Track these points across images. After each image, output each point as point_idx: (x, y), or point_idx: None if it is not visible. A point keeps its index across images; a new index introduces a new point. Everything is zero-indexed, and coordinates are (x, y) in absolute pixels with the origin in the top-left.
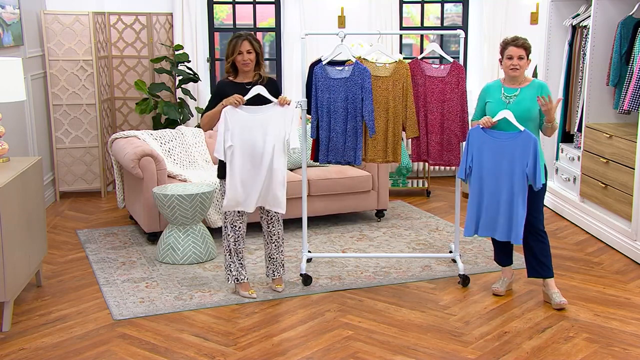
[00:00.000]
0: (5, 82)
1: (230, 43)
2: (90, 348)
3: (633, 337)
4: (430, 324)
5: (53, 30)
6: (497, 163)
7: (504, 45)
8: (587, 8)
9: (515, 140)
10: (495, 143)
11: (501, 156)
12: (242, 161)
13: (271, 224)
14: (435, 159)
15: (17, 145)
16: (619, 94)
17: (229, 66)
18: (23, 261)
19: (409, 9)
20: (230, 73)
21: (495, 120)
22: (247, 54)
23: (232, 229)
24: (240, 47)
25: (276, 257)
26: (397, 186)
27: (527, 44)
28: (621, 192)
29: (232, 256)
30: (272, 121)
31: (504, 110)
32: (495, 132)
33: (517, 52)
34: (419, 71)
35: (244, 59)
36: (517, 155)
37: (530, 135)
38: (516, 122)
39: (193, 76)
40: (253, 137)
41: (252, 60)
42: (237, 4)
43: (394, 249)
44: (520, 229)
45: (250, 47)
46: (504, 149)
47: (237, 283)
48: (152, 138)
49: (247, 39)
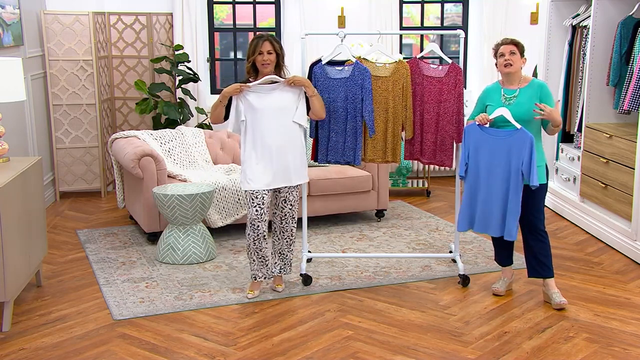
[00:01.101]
0: (5, 82)
1: (252, 43)
2: (90, 348)
3: (633, 337)
4: (430, 324)
5: (53, 30)
6: (492, 160)
7: (495, 48)
8: (587, 8)
9: (511, 137)
10: (491, 140)
11: (497, 153)
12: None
13: (285, 220)
14: (429, 158)
15: (17, 145)
16: (619, 94)
17: (250, 66)
18: (23, 261)
19: (409, 9)
20: (251, 74)
21: (492, 118)
22: (267, 54)
23: (252, 227)
24: (261, 47)
25: (287, 254)
26: (397, 186)
27: (517, 41)
28: (621, 192)
29: (252, 255)
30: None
31: (501, 107)
32: (491, 130)
33: (507, 49)
34: (417, 70)
35: (263, 58)
36: (513, 152)
37: (526, 133)
38: (513, 120)
39: (193, 76)
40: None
41: (272, 60)
42: (237, 4)
43: (394, 249)
44: (514, 225)
45: (271, 48)
46: (500, 146)
47: (252, 280)
48: (152, 138)
49: (268, 40)
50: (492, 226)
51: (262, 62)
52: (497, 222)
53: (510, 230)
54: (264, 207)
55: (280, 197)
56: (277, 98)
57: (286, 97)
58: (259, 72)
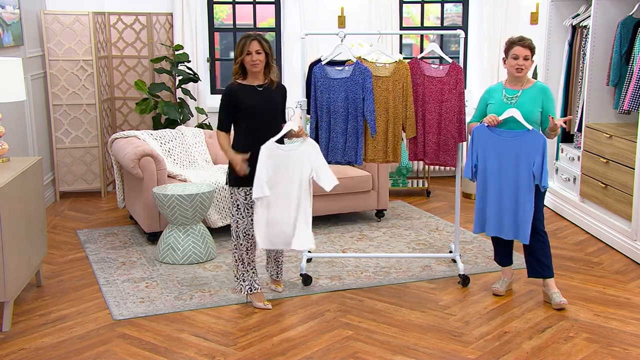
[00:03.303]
0: (5, 82)
1: (239, 43)
2: (90, 348)
3: (633, 337)
4: (430, 324)
5: (53, 30)
6: (501, 162)
7: (510, 45)
8: (587, 8)
9: (522, 138)
10: (500, 142)
11: (506, 155)
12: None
13: None
14: (431, 159)
15: (17, 145)
16: (619, 94)
17: (238, 67)
18: (23, 261)
19: (409, 9)
20: (239, 75)
21: (501, 119)
22: (256, 54)
23: (245, 237)
24: (249, 47)
25: (281, 259)
26: (397, 186)
27: (533, 45)
28: (621, 192)
29: (246, 266)
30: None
31: (511, 108)
32: (500, 131)
33: (523, 52)
34: (417, 71)
35: (252, 59)
36: (524, 153)
37: (538, 134)
38: (524, 121)
39: (193, 76)
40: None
41: (262, 60)
42: (237, 4)
43: (394, 249)
44: (528, 228)
45: (260, 47)
46: (510, 147)
47: (250, 293)
48: (152, 138)
49: (256, 39)
50: (505, 230)
51: (251, 63)
52: (509, 225)
53: (525, 233)
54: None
55: None
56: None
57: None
58: (248, 73)
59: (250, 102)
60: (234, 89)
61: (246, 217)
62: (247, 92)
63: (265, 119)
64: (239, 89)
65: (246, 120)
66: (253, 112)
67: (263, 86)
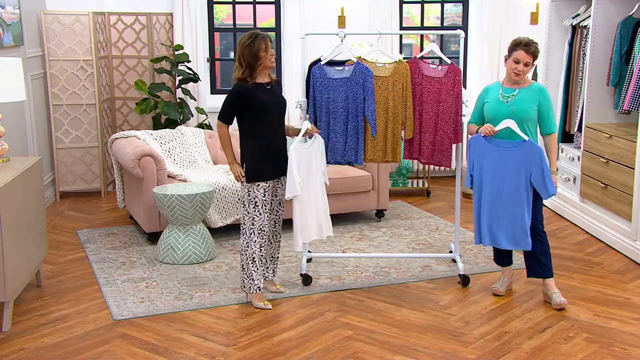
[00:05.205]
0: (5, 82)
1: (252, 44)
2: (90, 348)
3: (633, 337)
4: (430, 324)
5: (53, 30)
6: (498, 172)
7: (515, 46)
8: (587, 8)
9: (518, 149)
10: (496, 151)
11: (503, 165)
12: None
13: (278, 224)
14: (427, 159)
15: (17, 145)
16: (619, 94)
17: (246, 66)
18: (23, 261)
19: (409, 9)
20: (247, 76)
21: (497, 130)
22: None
23: (259, 234)
24: (265, 43)
25: (277, 256)
26: (397, 186)
27: (538, 53)
28: (621, 192)
29: (257, 264)
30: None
31: (507, 119)
32: (497, 141)
33: (525, 58)
34: (416, 70)
35: (272, 54)
36: (521, 164)
37: (534, 145)
38: (520, 132)
39: (193, 76)
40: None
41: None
42: (237, 4)
43: (394, 249)
44: (527, 236)
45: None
46: (506, 157)
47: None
48: (152, 138)
49: (267, 36)
50: (502, 240)
51: (271, 60)
52: (507, 235)
53: (525, 241)
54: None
55: (275, 200)
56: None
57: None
58: (256, 71)
59: (264, 99)
60: (248, 87)
61: (263, 214)
62: (259, 90)
63: (274, 114)
64: (253, 88)
65: (258, 117)
66: (266, 109)
67: (270, 84)
